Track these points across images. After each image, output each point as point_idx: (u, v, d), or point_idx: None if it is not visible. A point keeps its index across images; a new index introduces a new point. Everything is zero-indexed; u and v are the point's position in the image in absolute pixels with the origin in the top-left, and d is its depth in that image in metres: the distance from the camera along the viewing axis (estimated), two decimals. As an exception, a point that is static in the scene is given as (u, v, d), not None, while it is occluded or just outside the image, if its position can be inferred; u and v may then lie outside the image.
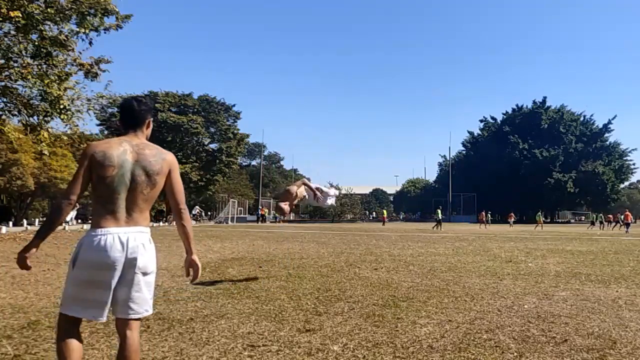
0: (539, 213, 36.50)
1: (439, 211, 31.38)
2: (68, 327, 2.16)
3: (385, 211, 46.65)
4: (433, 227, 28.66)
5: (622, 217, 32.08)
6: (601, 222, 37.12)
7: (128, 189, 2.17)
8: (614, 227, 36.12)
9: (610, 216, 43.28)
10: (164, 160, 2.28)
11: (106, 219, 2.14)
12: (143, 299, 2.19)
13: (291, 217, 62.29)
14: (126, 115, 2.35)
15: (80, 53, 14.46)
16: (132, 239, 2.15)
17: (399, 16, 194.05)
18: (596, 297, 5.48)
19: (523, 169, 58.40)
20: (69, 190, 2.17)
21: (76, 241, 2.25)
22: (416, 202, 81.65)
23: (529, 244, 14.37)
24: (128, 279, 2.14)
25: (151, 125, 2.44)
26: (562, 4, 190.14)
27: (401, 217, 77.26)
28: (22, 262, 2.23)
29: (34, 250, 2.21)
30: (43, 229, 2.19)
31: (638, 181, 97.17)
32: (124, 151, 2.20)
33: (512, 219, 40.52)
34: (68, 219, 22.72)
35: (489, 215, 40.72)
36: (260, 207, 48.10)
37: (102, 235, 2.11)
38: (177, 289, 5.66)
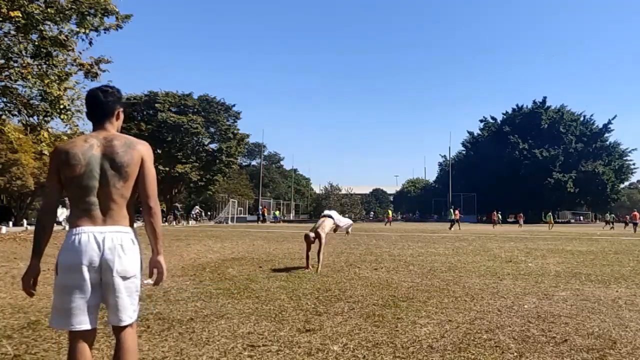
0: (549, 213, 36.45)
1: (452, 211, 31.26)
2: (73, 343, 2.04)
3: (390, 211, 46.46)
4: (450, 228, 28.25)
5: (630, 217, 32.04)
6: (612, 222, 36.97)
7: (99, 184, 2.03)
8: (625, 226, 35.81)
9: (627, 217, 42.98)
10: (134, 149, 2.10)
11: (81, 218, 2.01)
12: (123, 306, 2.02)
13: (291, 217, 62.36)
14: (91, 108, 2.19)
15: (80, 53, 14.49)
16: (109, 239, 1.99)
17: (398, 16, 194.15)
18: (596, 297, 5.48)
19: (523, 169, 58.37)
20: (44, 202, 2.11)
21: None
22: (416, 202, 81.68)
23: (529, 244, 14.37)
24: (108, 284, 1.99)
25: (122, 116, 2.26)
26: (562, 4, 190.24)
27: (399, 217, 77.20)
28: (27, 286, 2.08)
29: (38, 271, 2.10)
30: (36, 244, 2.09)
31: (638, 181, 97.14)
32: (90, 146, 2.06)
33: (522, 219, 40.77)
34: (61, 219, 22.61)
35: (500, 215, 40.26)
36: (260, 207, 48.11)
37: (77, 235, 1.98)
38: (177, 289, 5.66)
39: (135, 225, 2.15)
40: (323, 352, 3.27)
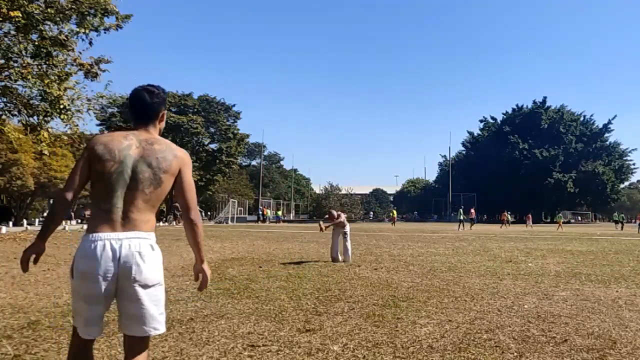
0: (560, 214, 36.32)
1: (461, 211, 31.23)
2: (77, 345, 1.97)
3: (394, 211, 46.21)
4: (458, 228, 28.18)
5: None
6: (622, 222, 36.79)
7: (128, 187, 1.91)
8: None
9: None
10: (175, 157, 2.00)
11: (100, 221, 1.90)
12: (149, 316, 1.90)
13: (291, 217, 62.32)
14: (136, 109, 2.09)
15: (80, 53, 14.49)
16: (126, 246, 1.87)
17: (399, 16, 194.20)
18: (596, 297, 5.48)
19: (523, 169, 58.37)
20: (65, 186, 1.98)
21: (76, 242, 2.16)
22: (416, 202, 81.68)
23: (529, 244, 14.37)
24: (129, 293, 1.88)
25: (165, 118, 2.16)
26: (563, 4, 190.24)
27: (399, 217, 77.02)
28: (24, 261, 1.98)
29: (41, 250, 2.00)
30: (44, 228, 2.00)
31: (638, 181, 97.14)
32: (128, 146, 1.96)
33: (530, 220, 40.79)
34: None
35: (509, 215, 39.29)
36: (261, 207, 48.10)
37: (94, 242, 1.87)
38: (177, 289, 5.66)
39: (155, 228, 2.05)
40: (323, 352, 3.27)
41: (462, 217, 29.81)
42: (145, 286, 1.89)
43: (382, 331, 3.82)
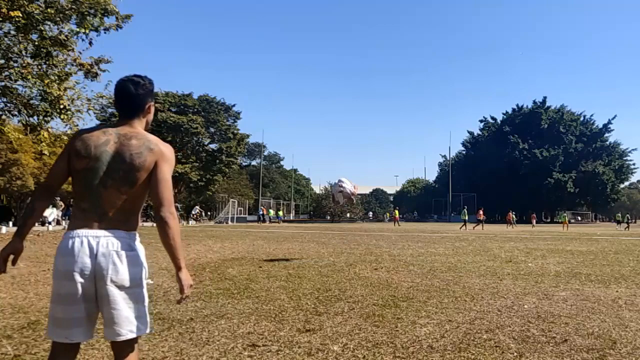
0: (564, 214, 36.22)
1: (465, 211, 31.19)
2: (54, 354, 1.85)
3: (397, 211, 46.02)
4: (460, 228, 28.22)
5: None
6: (628, 222, 36.72)
7: (104, 185, 1.82)
8: None
9: None
10: (150, 151, 1.85)
11: (79, 220, 1.83)
12: (124, 318, 1.80)
13: (291, 217, 62.32)
14: (120, 101, 1.96)
15: (80, 53, 14.45)
16: (103, 245, 1.79)
17: (399, 16, 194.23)
18: (596, 297, 5.47)
19: (523, 169, 58.40)
20: (41, 183, 1.94)
21: None
22: (416, 202, 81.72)
23: (529, 244, 14.37)
24: (103, 294, 1.79)
25: (152, 110, 2.03)
26: (563, 4, 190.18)
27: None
28: (0, 262, 1.85)
29: (18, 248, 1.87)
30: (21, 225, 1.92)
31: (638, 181, 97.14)
32: (106, 141, 1.85)
33: (535, 220, 40.60)
34: (50, 219, 22.57)
35: (514, 215, 38.89)
36: (261, 207, 48.11)
37: (72, 239, 1.80)
38: (177, 289, 5.62)
39: (137, 229, 1.97)
40: (323, 352, 3.27)
41: (466, 217, 29.75)
42: (121, 287, 1.80)
43: (382, 331, 3.82)
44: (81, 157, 1.84)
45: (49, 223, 22.19)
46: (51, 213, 23.14)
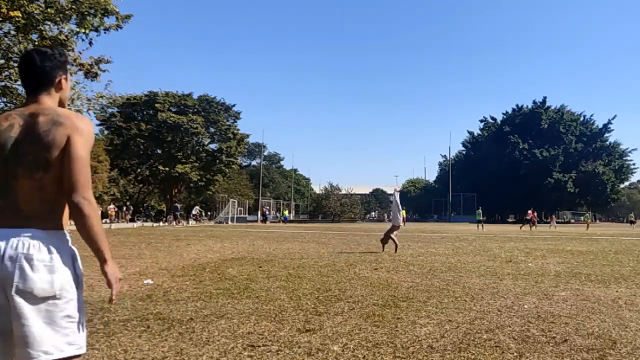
0: (587, 214, 35.72)
1: (479, 212, 31.00)
2: None
3: (404, 211, 45.76)
4: (477, 227, 27.95)
5: None
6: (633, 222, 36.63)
7: (14, 175, 1.55)
8: None
9: None
10: (60, 125, 1.57)
11: None
12: (35, 337, 1.46)
13: (291, 217, 62.33)
14: (23, 74, 1.71)
15: (80, 53, 14.47)
16: (12, 246, 1.49)
17: (398, 16, 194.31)
18: (596, 297, 5.47)
19: (523, 169, 58.40)
20: None
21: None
22: (416, 202, 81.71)
23: (529, 244, 14.37)
24: (10, 306, 1.47)
25: (66, 86, 1.76)
26: (563, 4, 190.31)
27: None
28: None
29: None
30: None
31: (638, 181, 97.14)
32: (9, 126, 1.60)
33: (554, 220, 38.18)
34: None
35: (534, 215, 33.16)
36: (261, 207, 48.13)
37: None
38: (177, 289, 5.66)
39: (66, 226, 1.65)
40: (323, 352, 3.27)
41: (481, 217, 29.60)
42: (32, 298, 1.47)
43: (382, 331, 3.82)
44: None
45: None
46: None
